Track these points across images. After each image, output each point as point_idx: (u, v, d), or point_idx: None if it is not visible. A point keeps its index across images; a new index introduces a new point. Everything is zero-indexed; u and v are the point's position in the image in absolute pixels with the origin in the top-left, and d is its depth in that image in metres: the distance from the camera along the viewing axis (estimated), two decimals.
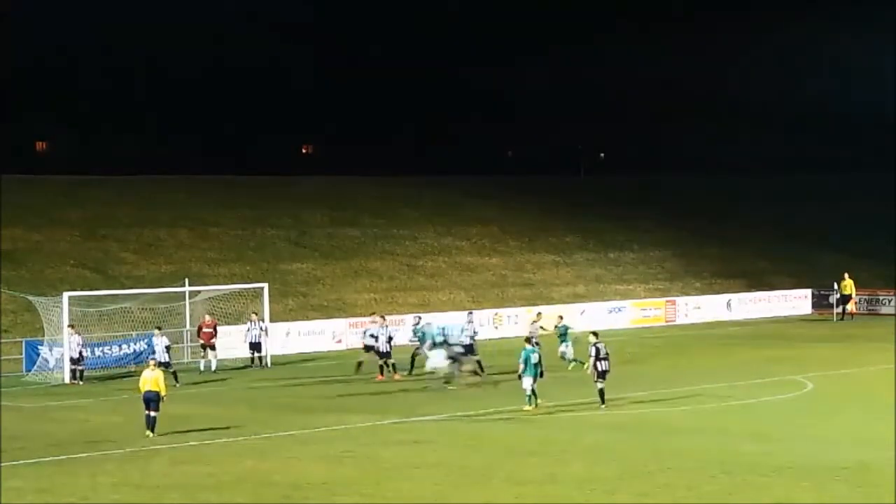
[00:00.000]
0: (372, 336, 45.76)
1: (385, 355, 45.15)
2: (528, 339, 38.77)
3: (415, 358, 45.66)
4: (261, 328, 49.55)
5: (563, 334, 45.94)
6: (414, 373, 45.31)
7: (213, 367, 47.71)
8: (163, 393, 33.51)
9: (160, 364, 42.04)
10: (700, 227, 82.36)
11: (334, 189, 77.23)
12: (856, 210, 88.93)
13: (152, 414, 33.31)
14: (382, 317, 47.66)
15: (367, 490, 26.21)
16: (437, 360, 42.79)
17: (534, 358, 37.04)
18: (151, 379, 33.57)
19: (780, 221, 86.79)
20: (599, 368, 36.93)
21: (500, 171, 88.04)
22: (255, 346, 49.48)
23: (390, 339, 45.48)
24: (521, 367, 36.90)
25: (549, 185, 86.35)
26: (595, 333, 38.19)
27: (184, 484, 27.15)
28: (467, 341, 44.47)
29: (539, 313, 48.50)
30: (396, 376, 44.95)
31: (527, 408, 36.74)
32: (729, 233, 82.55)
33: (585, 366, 38.34)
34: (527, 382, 36.86)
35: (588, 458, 29.57)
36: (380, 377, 44.60)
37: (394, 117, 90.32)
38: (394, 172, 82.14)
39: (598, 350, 37.05)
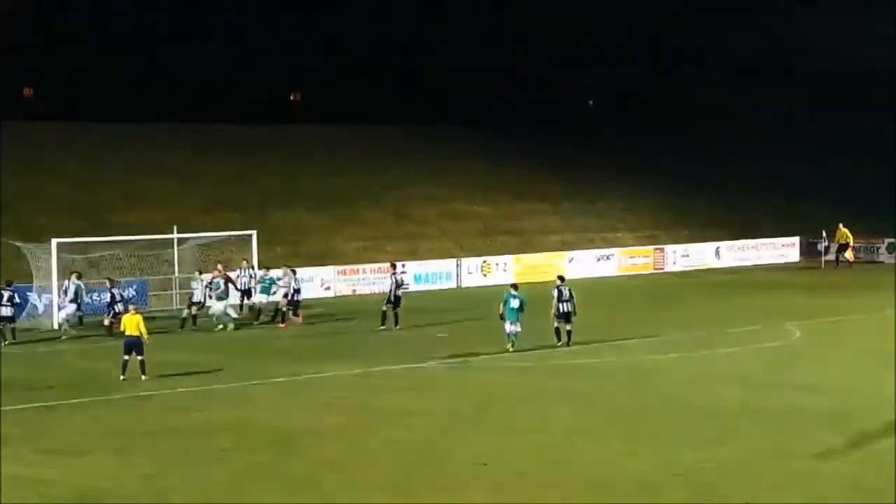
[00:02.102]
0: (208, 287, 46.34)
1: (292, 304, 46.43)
2: (513, 286, 39.37)
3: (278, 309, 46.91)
4: (251, 275, 49.52)
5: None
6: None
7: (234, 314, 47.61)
8: (144, 337, 33.68)
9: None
10: (689, 174, 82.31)
11: (323, 138, 77.05)
12: (850, 160, 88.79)
13: (138, 357, 33.47)
14: (293, 270, 48.13)
15: (357, 437, 26.29)
16: (70, 311, 44.28)
17: (513, 303, 37.96)
18: (132, 323, 33.69)
19: (771, 169, 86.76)
20: (561, 310, 38.39)
21: (487, 120, 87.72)
22: (246, 293, 49.45)
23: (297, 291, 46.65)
24: (501, 309, 38.18)
25: (537, 134, 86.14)
26: (561, 277, 40.15)
27: (174, 430, 27.23)
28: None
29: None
30: (282, 325, 45.99)
31: (509, 347, 37.74)
32: (718, 180, 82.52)
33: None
34: (507, 327, 38.05)
35: (576, 405, 29.68)
36: (283, 325, 45.93)
37: (386, 70, 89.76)
38: (383, 122, 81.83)
39: (560, 292, 38.57)
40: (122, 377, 33.44)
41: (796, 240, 72.59)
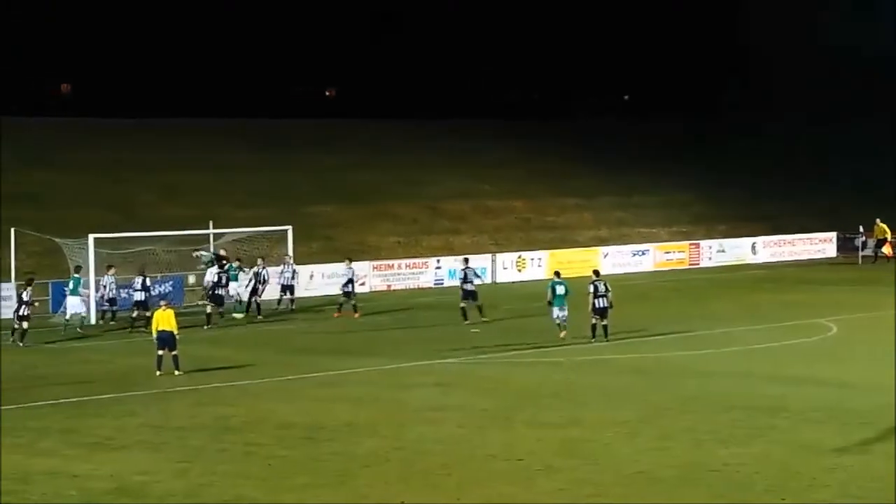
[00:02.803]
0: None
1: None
2: (556, 273, 40.15)
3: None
4: (293, 271, 49.58)
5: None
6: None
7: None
8: (175, 331, 33.78)
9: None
10: (724, 169, 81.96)
11: (357, 132, 77.15)
12: (885, 155, 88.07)
13: (172, 353, 33.62)
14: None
15: (390, 432, 26.29)
16: (75, 305, 43.91)
17: (559, 289, 38.45)
18: (164, 318, 33.81)
19: (807, 164, 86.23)
20: (597, 305, 38.43)
21: (522, 115, 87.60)
22: (288, 289, 49.43)
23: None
24: (549, 295, 38.63)
25: (572, 128, 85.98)
26: (596, 272, 40.39)
27: (207, 425, 27.32)
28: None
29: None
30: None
31: (561, 335, 38.01)
32: (753, 175, 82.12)
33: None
34: (554, 312, 38.45)
35: (609, 401, 29.61)
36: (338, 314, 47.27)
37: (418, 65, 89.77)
38: (416, 115, 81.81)
39: (595, 288, 38.52)
40: (157, 373, 33.59)
41: (833, 235, 72.19)
